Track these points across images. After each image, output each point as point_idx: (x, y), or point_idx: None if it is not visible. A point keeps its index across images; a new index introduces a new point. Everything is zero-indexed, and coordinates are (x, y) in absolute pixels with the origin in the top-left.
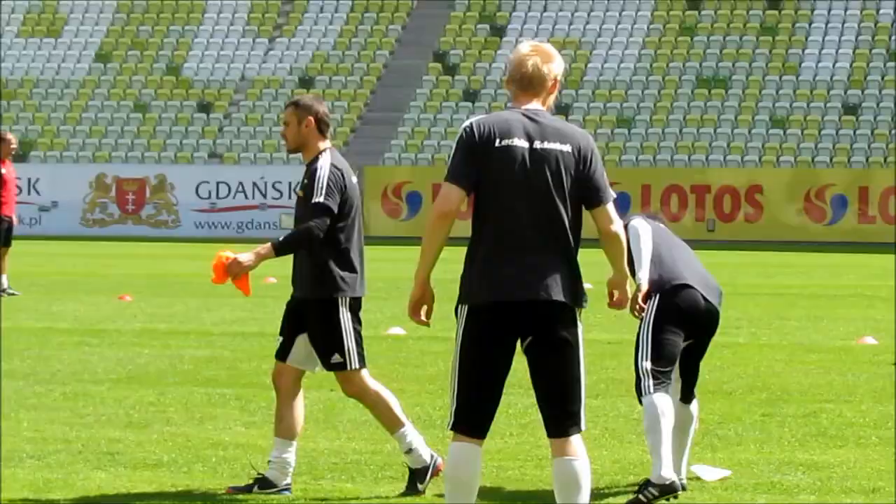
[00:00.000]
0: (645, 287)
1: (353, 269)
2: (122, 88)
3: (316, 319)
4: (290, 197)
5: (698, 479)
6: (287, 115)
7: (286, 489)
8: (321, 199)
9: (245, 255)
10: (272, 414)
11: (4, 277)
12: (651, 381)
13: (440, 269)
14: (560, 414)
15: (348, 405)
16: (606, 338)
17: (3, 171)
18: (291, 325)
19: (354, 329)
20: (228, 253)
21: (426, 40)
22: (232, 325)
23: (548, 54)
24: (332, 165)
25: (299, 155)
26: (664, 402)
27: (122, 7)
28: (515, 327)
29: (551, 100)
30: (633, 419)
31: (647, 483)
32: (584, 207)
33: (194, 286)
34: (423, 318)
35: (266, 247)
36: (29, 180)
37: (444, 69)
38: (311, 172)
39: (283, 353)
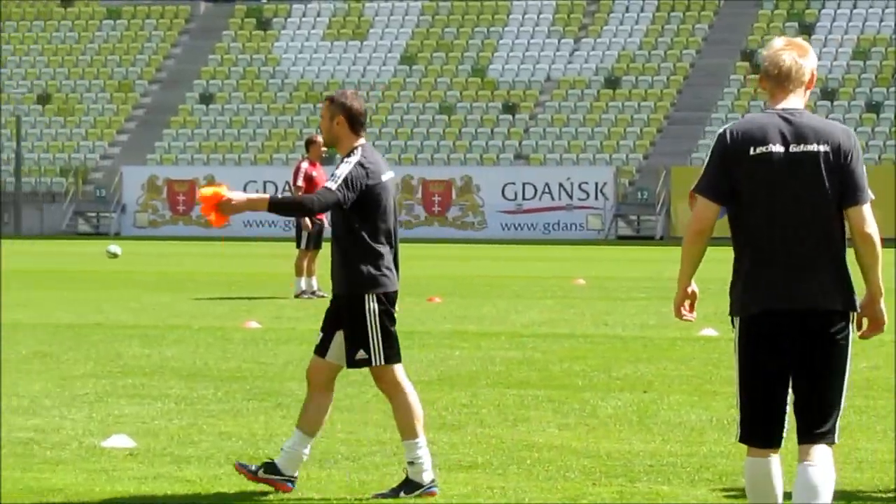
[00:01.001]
0: None
1: (380, 266)
2: (428, 90)
3: (346, 315)
4: (596, 198)
5: None
6: (322, 110)
7: (291, 480)
8: (332, 185)
9: (238, 196)
10: (586, 416)
11: (314, 280)
12: None
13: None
14: (815, 426)
15: (662, 406)
16: None
17: (314, 173)
18: (331, 322)
19: (382, 325)
20: (224, 191)
21: (734, 39)
22: (542, 327)
23: (803, 48)
24: (359, 164)
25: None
26: None
27: (427, 9)
28: (787, 336)
29: (808, 96)
30: None
31: None
32: (839, 207)
33: (502, 287)
34: (687, 313)
35: (262, 197)
36: None
37: (752, 68)
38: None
39: (322, 349)
